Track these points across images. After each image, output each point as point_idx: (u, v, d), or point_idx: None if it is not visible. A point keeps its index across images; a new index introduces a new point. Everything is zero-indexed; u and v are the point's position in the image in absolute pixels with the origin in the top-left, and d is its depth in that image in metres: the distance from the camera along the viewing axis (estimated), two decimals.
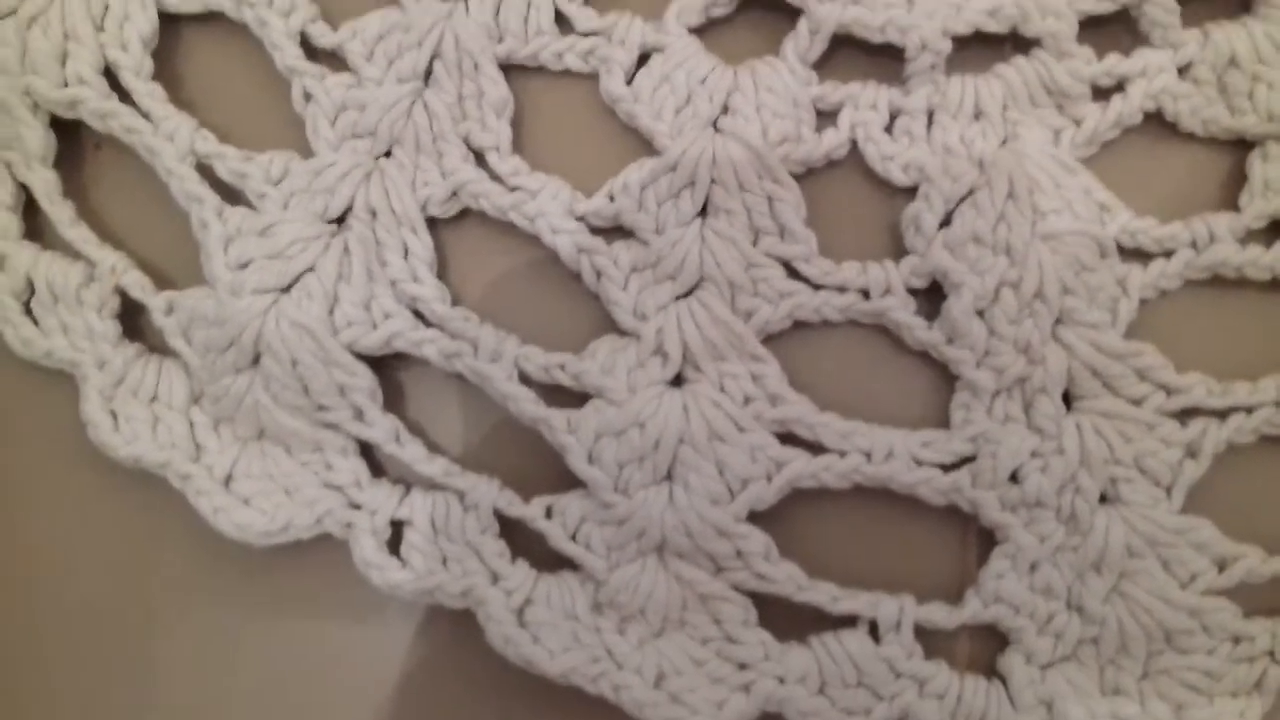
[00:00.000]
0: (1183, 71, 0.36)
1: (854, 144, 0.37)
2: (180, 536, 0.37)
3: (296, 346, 0.35)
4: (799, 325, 0.36)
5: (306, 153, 0.37)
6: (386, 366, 0.37)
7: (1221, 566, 0.35)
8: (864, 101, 0.36)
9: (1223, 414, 0.35)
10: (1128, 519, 0.34)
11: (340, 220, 0.37)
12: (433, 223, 0.37)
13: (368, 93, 0.36)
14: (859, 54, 0.37)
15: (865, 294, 0.36)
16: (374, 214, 0.36)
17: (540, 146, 0.38)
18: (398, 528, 0.36)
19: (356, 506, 0.36)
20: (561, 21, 0.38)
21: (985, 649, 0.35)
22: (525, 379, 0.36)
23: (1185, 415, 0.35)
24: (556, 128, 0.38)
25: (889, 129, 0.37)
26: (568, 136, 0.38)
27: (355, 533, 0.35)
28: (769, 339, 0.36)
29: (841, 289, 0.36)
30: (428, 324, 0.36)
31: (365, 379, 0.35)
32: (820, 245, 0.36)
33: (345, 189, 0.36)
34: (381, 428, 0.35)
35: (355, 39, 0.37)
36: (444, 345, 0.35)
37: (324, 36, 0.38)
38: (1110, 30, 0.37)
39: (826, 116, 0.37)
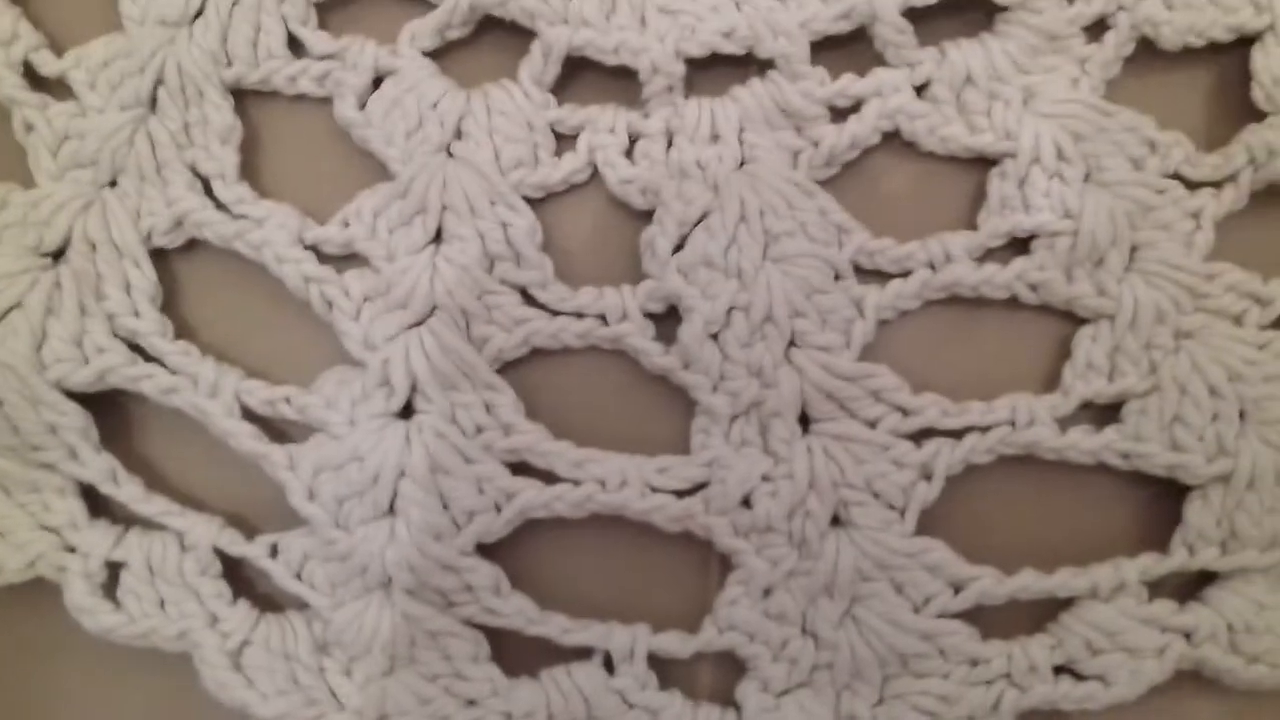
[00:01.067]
0: (922, 90, 0.35)
1: (595, 167, 0.35)
2: None
3: (2, 387, 0.33)
4: (539, 352, 0.35)
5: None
6: (118, 402, 0.36)
7: (957, 589, 0.34)
8: (602, 125, 0.36)
9: (958, 434, 0.34)
10: (858, 542, 0.33)
11: (60, 253, 0.34)
12: (164, 253, 0.35)
13: (90, 121, 0.35)
14: (607, 77, 0.36)
15: (603, 319, 0.34)
16: (93, 246, 0.35)
17: (278, 172, 0.37)
18: (117, 569, 0.34)
19: (71, 549, 0.34)
20: (295, 45, 0.36)
21: (727, 678, 0.34)
22: (252, 414, 0.34)
23: (922, 436, 0.34)
24: (294, 153, 0.37)
25: (629, 152, 0.36)
26: (306, 162, 0.37)
27: (67, 576, 0.34)
28: (508, 367, 0.35)
29: (579, 315, 0.35)
30: (148, 359, 0.34)
31: (76, 418, 0.34)
32: (564, 270, 0.36)
33: (62, 220, 0.35)
34: (95, 467, 0.34)
35: (79, 67, 0.36)
36: (161, 381, 0.34)
37: (47, 65, 0.37)
38: (857, 49, 0.36)
39: (568, 140, 0.36)
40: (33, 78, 0.37)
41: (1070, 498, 0.35)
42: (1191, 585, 0.35)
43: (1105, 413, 0.35)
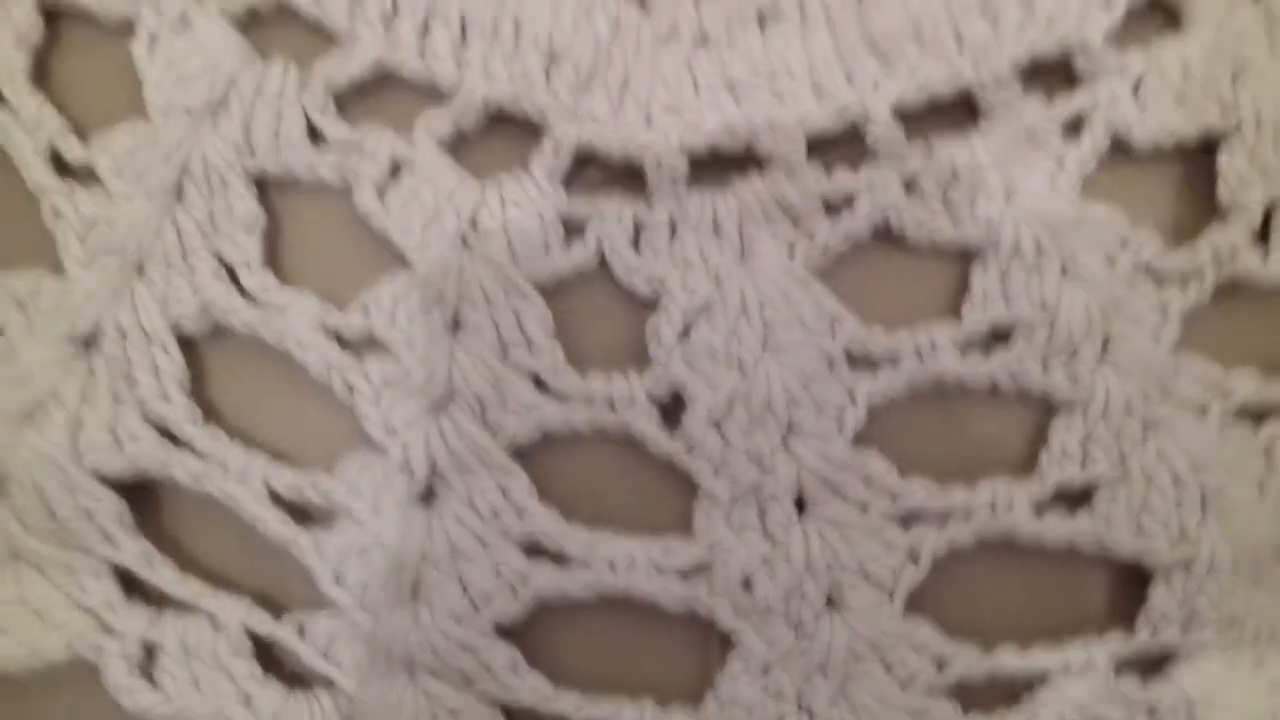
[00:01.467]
0: (910, 185, 0.37)
1: (602, 257, 0.37)
2: None
3: (40, 474, 0.35)
4: (550, 436, 0.37)
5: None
6: (145, 481, 0.37)
7: (940, 665, 0.36)
8: (609, 215, 0.37)
9: (943, 517, 0.36)
10: (851, 624, 0.36)
11: (92, 340, 0.36)
12: (191, 340, 0.37)
13: (117, 209, 0.36)
14: (615, 167, 0.38)
15: (611, 405, 0.36)
16: (124, 333, 0.36)
17: (300, 258, 0.39)
18: (153, 649, 0.36)
19: (108, 630, 0.35)
20: (315, 134, 0.37)
21: None
22: (278, 498, 0.36)
23: (909, 520, 0.37)
24: (315, 239, 0.39)
25: (635, 242, 0.37)
26: (327, 248, 0.38)
27: (104, 657, 0.35)
28: (522, 451, 0.37)
29: (588, 401, 0.36)
30: (178, 444, 0.36)
31: (111, 503, 0.36)
32: (575, 356, 0.37)
33: (92, 308, 0.36)
34: (129, 551, 0.36)
35: (105, 154, 0.37)
36: (191, 466, 0.36)
37: (73, 151, 0.37)
38: (849, 143, 0.38)
39: (576, 229, 0.38)
40: (57, 162, 0.38)
41: (1046, 576, 0.38)
42: (1156, 660, 0.37)
43: (1078, 497, 0.37)
